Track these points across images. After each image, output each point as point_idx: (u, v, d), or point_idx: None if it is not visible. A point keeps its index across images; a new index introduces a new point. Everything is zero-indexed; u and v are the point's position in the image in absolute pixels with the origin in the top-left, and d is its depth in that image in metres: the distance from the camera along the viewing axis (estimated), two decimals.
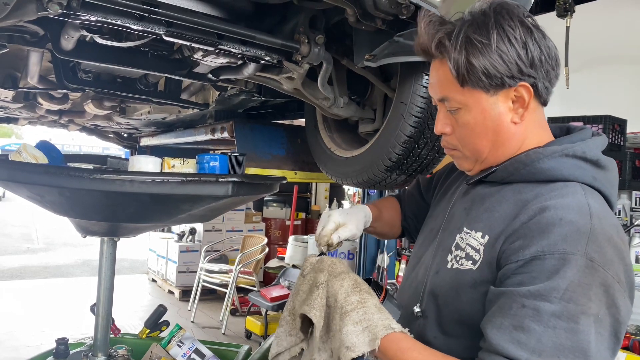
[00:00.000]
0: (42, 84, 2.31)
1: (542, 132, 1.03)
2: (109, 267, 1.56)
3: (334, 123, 2.34)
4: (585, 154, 0.97)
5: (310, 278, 1.06)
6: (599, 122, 3.76)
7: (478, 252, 0.97)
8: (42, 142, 1.51)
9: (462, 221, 1.06)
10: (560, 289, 0.83)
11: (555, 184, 0.96)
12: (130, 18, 1.47)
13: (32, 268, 8.11)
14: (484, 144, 1.02)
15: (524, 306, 0.85)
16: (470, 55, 0.95)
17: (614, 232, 0.90)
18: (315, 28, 1.73)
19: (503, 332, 0.85)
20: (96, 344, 1.58)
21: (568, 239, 0.86)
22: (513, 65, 0.94)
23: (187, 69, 2.06)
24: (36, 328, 5.16)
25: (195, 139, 3.10)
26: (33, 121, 3.80)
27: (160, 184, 1.22)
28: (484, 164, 1.05)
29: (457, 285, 0.99)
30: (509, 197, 0.99)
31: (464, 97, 0.99)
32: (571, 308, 0.82)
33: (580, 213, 0.89)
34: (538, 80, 0.97)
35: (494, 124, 0.99)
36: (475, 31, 0.95)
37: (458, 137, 1.04)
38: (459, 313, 0.98)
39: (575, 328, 0.82)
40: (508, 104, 0.98)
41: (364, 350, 0.94)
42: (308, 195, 8.46)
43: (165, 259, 6.99)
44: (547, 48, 0.97)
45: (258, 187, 1.47)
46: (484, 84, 0.96)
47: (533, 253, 0.87)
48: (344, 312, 0.98)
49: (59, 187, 1.21)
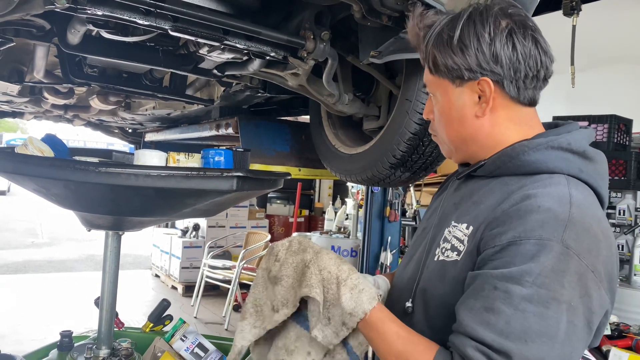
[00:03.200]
0: (48, 78, 2.32)
1: (525, 128, 1.03)
2: (113, 260, 1.56)
3: (339, 120, 2.33)
4: (571, 146, 0.97)
5: (294, 261, 1.06)
6: (604, 122, 3.75)
7: (462, 242, 0.98)
8: (48, 136, 1.52)
9: (452, 216, 1.07)
10: (533, 273, 0.83)
11: (541, 175, 0.96)
12: (136, 13, 1.47)
13: (36, 262, 8.15)
14: (450, 132, 1.06)
15: (496, 288, 0.85)
16: (435, 47, 1.01)
17: (594, 222, 0.90)
18: (321, 24, 1.73)
19: (474, 313, 0.86)
20: (100, 337, 1.59)
21: (545, 226, 0.86)
22: (472, 58, 0.97)
23: (193, 65, 2.06)
24: (40, 322, 5.18)
25: (200, 134, 3.10)
26: (38, 116, 3.81)
27: (166, 178, 1.22)
28: (460, 154, 1.09)
29: (442, 277, 1.00)
30: (496, 190, 1.00)
31: (435, 85, 1.05)
32: (542, 293, 0.82)
33: (560, 202, 0.89)
34: (504, 77, 0.98)
35: (459, 115, 1.03)
36: (447, 25, 1.00)
37: (435, 123, 1.10)
38: (445, 306, 0.98)
39: (544, 313, 0.82)
40: (473, 98, 1.01)
41: (364, 309, 0.97)
42: (312, 192, 8.47)
43: (168, 255, 7.01)
44: (527, 49, 0.97)
45: (262, 182, 1.48)
46: (448, 74, 1.01)
47: (510, 238, 0.87)
48: (339, 281, 1.00)
49: (64, 180, 1.21)
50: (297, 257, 1.06)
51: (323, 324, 1.02)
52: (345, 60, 1.95)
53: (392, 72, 2.06)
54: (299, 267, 1.05)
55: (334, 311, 1.00)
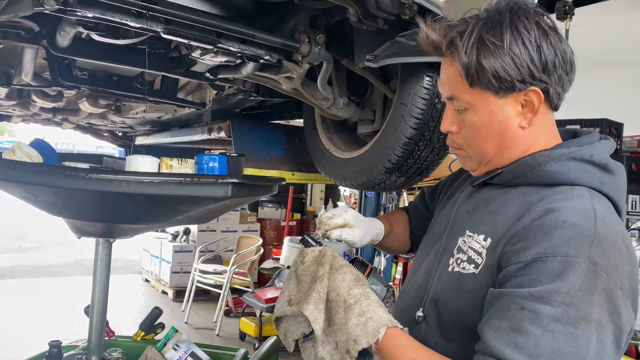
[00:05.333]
0: (37, 81, 2.28)
1: (551, 136, 1.01)
2: (104, 269, 1.53)
3: (333, 124, 2.31)
4: (593, 158, 0.95)
5: (312, 270, 1.04)
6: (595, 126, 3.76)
7: (480, 255, 0.95)
8: (36, 141, 1.49)
9: (465, 224, 1.04)
10: (561, 292, 0.81)
11: (562, 187, 0.94)
12: (128, 15, 1.44)
13: (24, 267, 8.03)
14: (489, 147, 1.00)
15: (523, 308, 0.82)
16: (481, 56, 0.93)
17: (619, 238, 0.88)
18: (316, 27, 1.71)
19: (500, 334, 0.83)
20: (90, 347, 1.55)
21: (571, 242, 0.84)
22: (525, 69, 0.92)
23: (185, 68, 2.03)
24: (28, 328, 5.10)
25: (192, 138, 3.07)
26: (26, 119, 3.76)
27: (158, 185, 1.19)
28: (489, 166, 1.04)
29: (458, 289, 0.98)
30: (514, 200, 0.97)
31: (472, 97, 0.97)
32: (572, 312, 0.80)
33: (585, 216, 0.87)
34: (550, 85, 0.94)
35: (501, 127, 0.97)
36: (489, 31, 0.93)
37: (464, 136, 1.03)
38: (460, 318, 0.96)
39: (574, 333, 0.80)
40: (517, 108, 0.96)
41: (368, 340, 0.93)
42: (303, 196, 8.44)
43: (159, 259, 6.94)
44: (563, 52, 0.94)
45: (257, 188, 1.45)
46: (494, 86, 0.94)
47: (534, 255, 0.85)
48: (347, 306, 0.97)
49: (53, 186, 1.18)
50: (315, 268, 1.04)
51: (332, 347, 1.00)
52: (340, 64, 1.93)
53: (387, 75, 2.05)
54: (313, 278, 1.03)
55: (341, 336, 0.97)
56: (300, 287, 1.05)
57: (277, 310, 1.07)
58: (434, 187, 1.37)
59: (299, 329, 1.07)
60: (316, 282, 1.01)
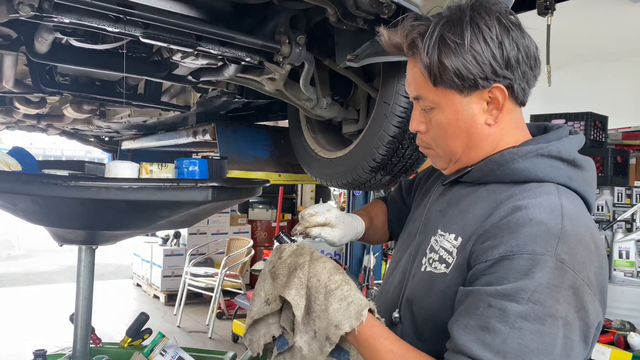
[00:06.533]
0: (18, 87, 2.26)
1: (519, 132, 1.01)
2: (87, 275, 1.51)
3: (318, 124, 2.31)
4: (561, 154, 0.95)
5: (291, 262, 1.03)
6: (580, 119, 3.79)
7: (451, 254, 0.96)
8: (15, 149, 1.47)
9: (437, 223, 1.04)
10: (528, 290, 0.81)
11: (530, 184, 0.94)
12: (105, 20, 1.43)
13: (13, 275, 7.95)
14: (456, 145, 1.00)
15: (491, 306, 0.83)
16: (442, 56, 0.92)
17: (587, 234, 0.88)
18: (297, 28, 1.71)
19: (469, 332, 0.84)
20: (75, 355, 1.53)
21: (538, 240, 0.84)
22: (487, 66, 0.92)
23: (167, 71, 2.02)
24: (17, 336, 5.05)
25: (177, 141, 3.06)
26: (10, 126, 3.72)
27: (138, 191, 1.18)
28: (459, 164, 1.04)
29: (430, 289, 0.98)
30: (484, 198, 0.97)
31: (437, 97, 0.97)
32: (538, 310, 0.81)
33: (551, 214, 0.87)
34: (514, 81, 0.94)
35: (467, 125, 0.97)
36: (450, 29, 0.92)
37: (432, 136, 1.03)
38: (433, 317, 0.96)
39: (541, 330, 0.80)
40: (482, 105, 0.96)
41: (352, 324, 0.92)
42: (294, 196, 8.43)
43: (149, 263, 6.90)
44: (526, 47, 0.94)
45: (240, 191, 1.44)
46: (457, 85, 0.94)
47: (502, 253, 0.85)
48: (328, 291, 0.96)
49: (31, 195, 1.17)
50: (294, 259, 1.03)
51: (310, 337, 0.98)
52: (323, 64, 1.93)
53: (370, 75, 2.05)
54: (291, 268, 1.02)
55: (320, 324, 0.96)
56: (276, 283, 1.03)
57: (255, 313, 1.05)
58: (411, 181, 1.37)
59: (270, 331, 1.06)
60: (297, 269, 1.00)
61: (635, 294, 3.20)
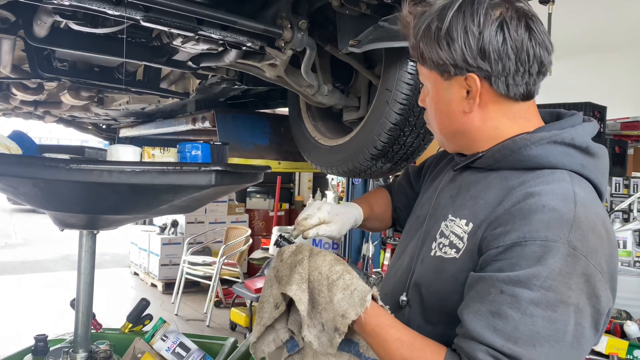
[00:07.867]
0: (16, 73, 2.23)
1: (521, 122, 0.99)
2: (88, 260, 1.51)
3: (318, 111, 2.30)
4: (574, 141, 0.95)
5: (292, 261, 1.04)
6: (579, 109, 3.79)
7: (462, 240, 0.96)
8: (15, 132, 1.46)
9: (448, 208, 1.04)
10: (540, 277, 0.81)
11: (542, 171, 0.94)
12: (106, 2, 1.41)
13: (11, 264, 7.95)
14: (440, 124, 1.04)
15: (503, 292, 0.83)
16: (422, 39, 0.97)
17: (599, 221, 0.88)
18: (298, 13, 1.70)
19: (480, 317, 0.84)
20: (77, 340, 1.53)
21: (550, 226, 0.84)
22: (457, 53, 0.93)
23: (166, 57, 2.00)
24: (15, 324, 5.06)
25: (176, 129, 3.04)
26: (7, 113, 3.69)
27: (140, 174, 1.17)
28: (453, 145, 1.06)
29: (440, 274, 0.98)
30: (495, 184, 0.97)
31: (425, 76, 1.02)
32: (550, 296, 0.81)
33: (564, 200, 0.87)
34: (492, 74, 0.93)
35: (446, 109, 1.00)
36: (439, 14, 0.95)
37: (427, 112, 1.07)
38: (442, 302, 0.97)
39: (553, 317, 0.81)
40: (461, 93, 0.97)
41: (357, 311, 0.93)
42: (291, 185, 8.43)
43: (147, 252, 6.90)
44: (519, 42, 0.92)
45: (242, 176, 1.44)
46: (436, 67, 0.97)
47: (514, 239, 0.85)
48: (330, 282, 0.97)
49: (33, 178, 1.16)
50: (294, 258, 1.04)
51: (318, 330, 0.99)
52: (324, 50, 1.92)
53: (371, 62, 2.04)
54: (292, 267, 1.03)
55: (327, 316, 0.97)
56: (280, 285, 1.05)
57: (267, 319, 1.05)
58: (419, 167, 1.37)
59: (279, 336, 1.07)
60: (296, 266, 1.01)
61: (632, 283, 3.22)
